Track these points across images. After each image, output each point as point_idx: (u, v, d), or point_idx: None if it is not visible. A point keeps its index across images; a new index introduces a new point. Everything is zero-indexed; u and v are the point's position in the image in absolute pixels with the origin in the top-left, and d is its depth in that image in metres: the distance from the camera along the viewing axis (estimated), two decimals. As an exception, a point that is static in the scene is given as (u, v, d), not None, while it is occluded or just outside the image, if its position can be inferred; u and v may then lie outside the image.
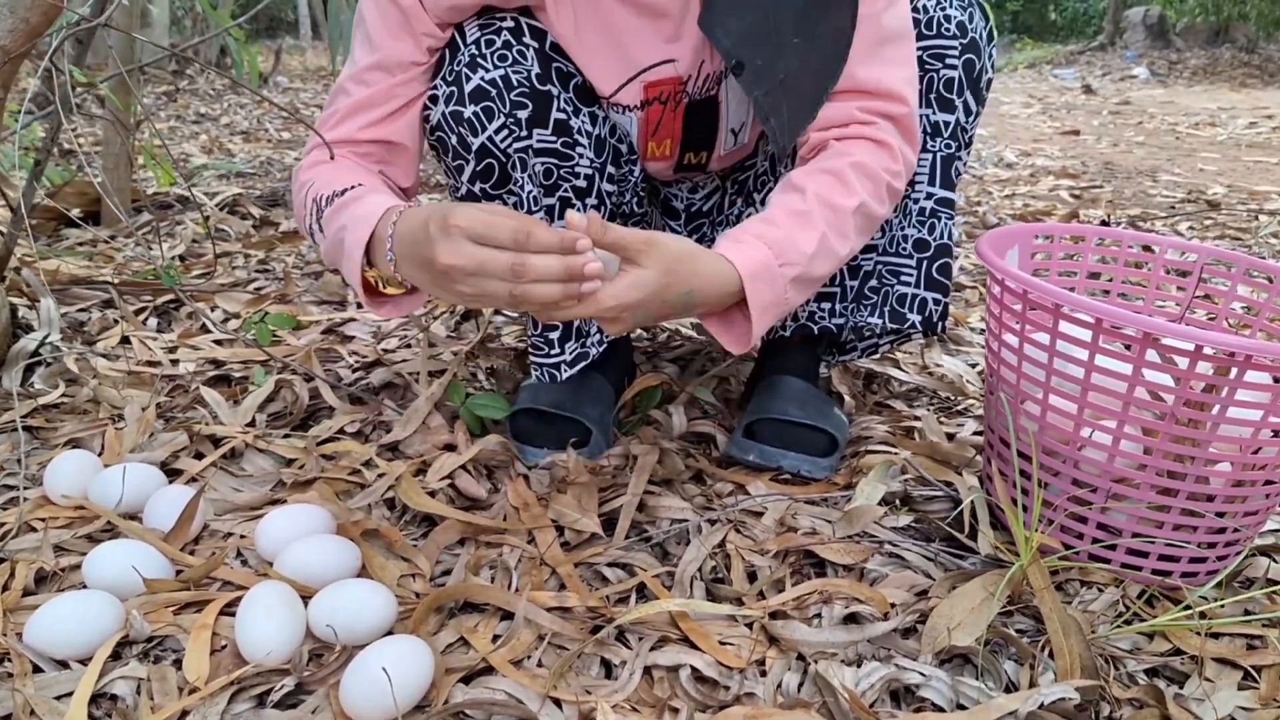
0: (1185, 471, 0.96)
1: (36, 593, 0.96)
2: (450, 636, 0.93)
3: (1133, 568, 1.03)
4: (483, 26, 1.11)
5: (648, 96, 1.16)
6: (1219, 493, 0.97)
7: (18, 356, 1.39)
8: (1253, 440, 0.95)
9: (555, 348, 1.24)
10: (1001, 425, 1.08)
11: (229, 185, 2.92)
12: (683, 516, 1.14)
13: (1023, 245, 1.20)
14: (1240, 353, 0.88)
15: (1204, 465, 0.96)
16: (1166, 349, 0.92)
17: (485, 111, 1.09)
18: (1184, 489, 0.97)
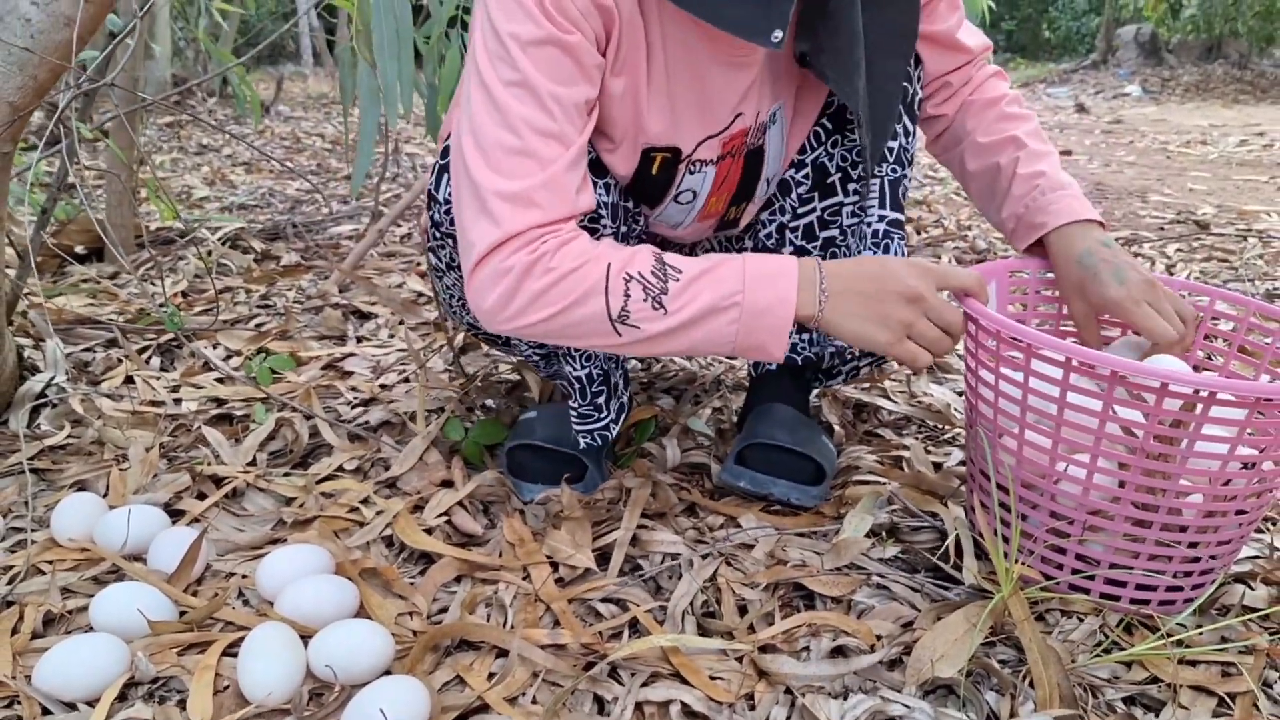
0: (1157, 504, 0.98)
1: (45, 635, 0.99)
2: (446, 675, 0.95)
3: (1111, 598, 1.05)
4: None
5: (724, 151, 1.18)
6: (1191, 523, 1.00)
7: (24, 398, 1.42)
8: (1222, 472, 0.97)
9: (603, 411, 1.27)
10: (981, 458, 1.11)
11: (231, 218, 2.95)
12: (675, 550, 1.16)
13: (1000, 281, 1.23)
14: (1205, 389, 0.91)
15: (1175, 497, 0.98)
16: (1134, 386, 0.95)
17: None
18: (1157, 520, 0.99)
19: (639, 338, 1.00)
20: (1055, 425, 1.01)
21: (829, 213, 1.27)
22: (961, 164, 1.32)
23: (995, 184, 1.26)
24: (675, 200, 1.21)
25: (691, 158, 1.16)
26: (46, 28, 1.15)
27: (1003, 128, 1.27)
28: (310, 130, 5.86)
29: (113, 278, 2.24)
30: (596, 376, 1.24)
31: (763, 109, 1.18)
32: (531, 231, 0.97)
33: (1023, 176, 1.22)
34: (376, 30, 1.68)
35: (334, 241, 2.78)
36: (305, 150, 5.00)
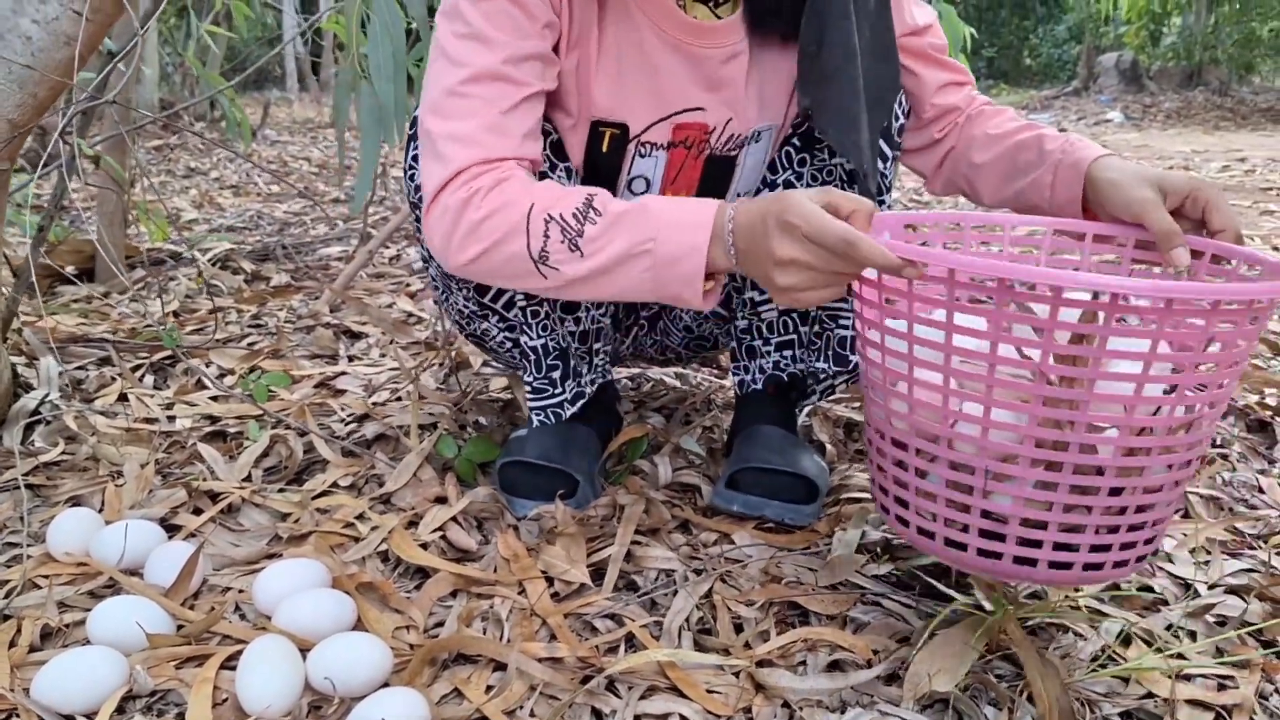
0: (1066, 440, 0.87)
1: (42, 649, 0.99)
2: (444, 688, 0.95)
3: (1026, 561, 0.93)
4: None
5: (675, 139, 1.21)
6: (1108, 463, 0.87)
7: (18, 415, 1.42)
8: (1138, 398, 0.85)
9: (557, 387, 1.29)
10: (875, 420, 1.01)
11: (221, 240, 2.96)
12: (669, 566, 1.17)
13: (894, 233, 1.10)
14: (1109, 291, 0.80)
15: (1086, 431, 0.86)
16: (1024, 297, 0.86)
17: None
18: (1068, 460, 0.87)
19: (562, 281, 1.03)
20: (944, 358, 0.90)
21: None
22: (969, 165, 1.28)
23: (1018, 158, 1.22)
24: (629, 189, 1.24)
25: (640, 138, 1.19)
26: (47, 46, 1.16)
27: (1015, 124, 1.27)
28: (297, 154, 5.88)
29: (104, 297, 2.24)
30: (552, 349, 1.28)
31: (740, 121, 1.21)
32: (473, 168, 1.03)
33: (1050, 137, 1.20)
34: (373, 53, 1.69)
35: (323, 263, 2.79)
36: (292, 174, 5.02)
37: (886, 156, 1.27)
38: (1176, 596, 1.13)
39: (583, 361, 1.32)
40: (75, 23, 1.16)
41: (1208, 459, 1.45)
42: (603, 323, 1.33)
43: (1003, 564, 0.94)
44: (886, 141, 1.26)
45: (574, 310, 1.28)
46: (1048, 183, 1.17)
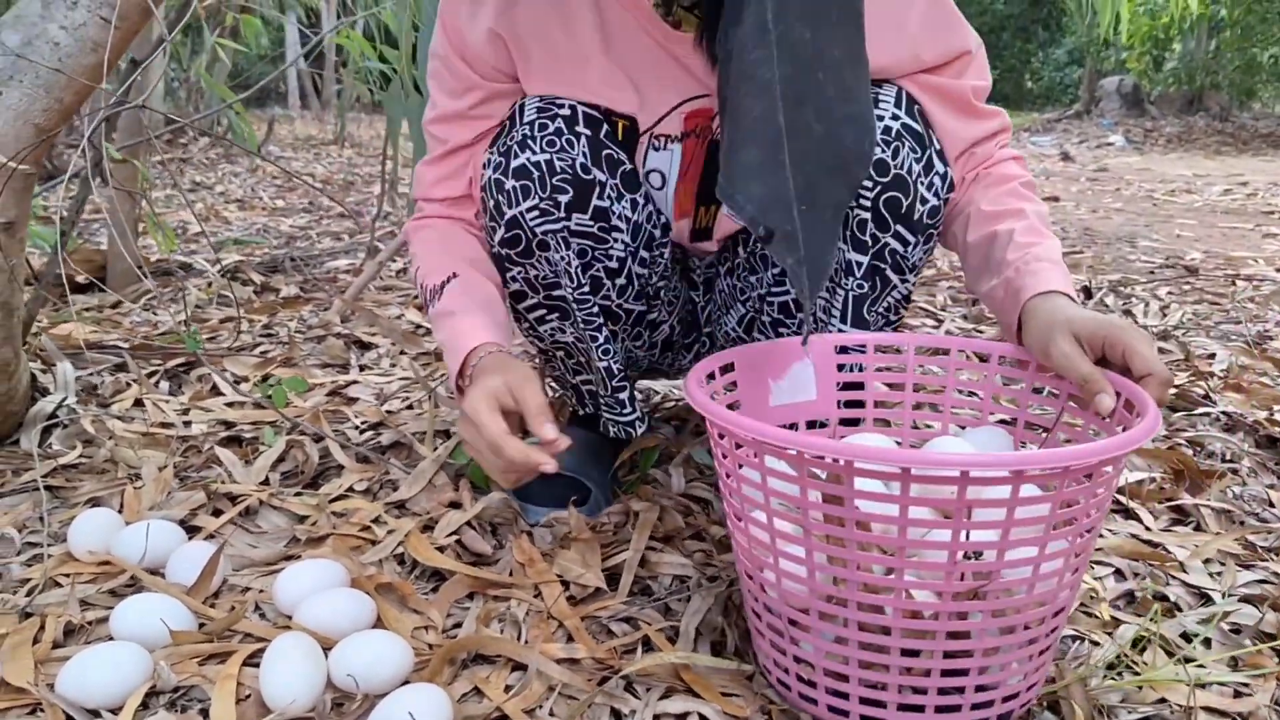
0: (845, 596, 0.86)
1: (65, 645, 1.00)
2: (464, 686, 0.96)
3: (839, 711, 0.92)
4: (540, 110, 1.17)
5: (687, 128, 1.22)
6: (893, 624, 0.85)
7: (36, 418, 1.43)
8: (902, 560, 0.84)
9: (628, 407, 1.28)
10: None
11: (230, 252, 2.97)
12: (684, 573, 1.18)
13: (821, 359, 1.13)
14: (841, 456, 0.81)
15: (860, 589, 0.85)
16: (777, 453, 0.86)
17: (523, 189, 1.15)
18: (849, 616, 0.86)
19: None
20: (738, 503, 0.93)
21: (799, 308, 1.23)
22: (962, 236, 1.21)
23: (991, 253, 1.15)
24: (646, 180, 1.25)
25: (654, 131, 1.22)
26: (74, 51, 1.18)
27: (1010, 202, 1.17)
28: (301, 169, 5.90)
29: (114, 306, 2.25)
30: (617, 371, 1.26)
31: None
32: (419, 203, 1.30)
33: (1019, 244, 1.12)
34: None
35: (331, 275, 2.80)
36: (297, 189, 5.04)
37: (908, 240, 1.16)
38: (1190, 604, 1.14)
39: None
40: (103, 29, 1.17)
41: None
42: (634, 351, 1.34)
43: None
44: (908, 228, 1.16)
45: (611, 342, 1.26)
46: (999, 298, 1.13)
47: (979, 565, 0.84)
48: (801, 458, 0.83)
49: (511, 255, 1.21)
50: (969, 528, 0.83)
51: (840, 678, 0.90)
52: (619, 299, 1.24)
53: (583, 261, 1.19)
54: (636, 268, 1.24)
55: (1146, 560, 1.23)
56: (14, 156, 1.18)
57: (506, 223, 1.17)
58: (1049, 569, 0.86)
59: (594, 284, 1.21)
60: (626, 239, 1.20)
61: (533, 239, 1.17)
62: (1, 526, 1.19)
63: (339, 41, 2.24)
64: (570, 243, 1.17)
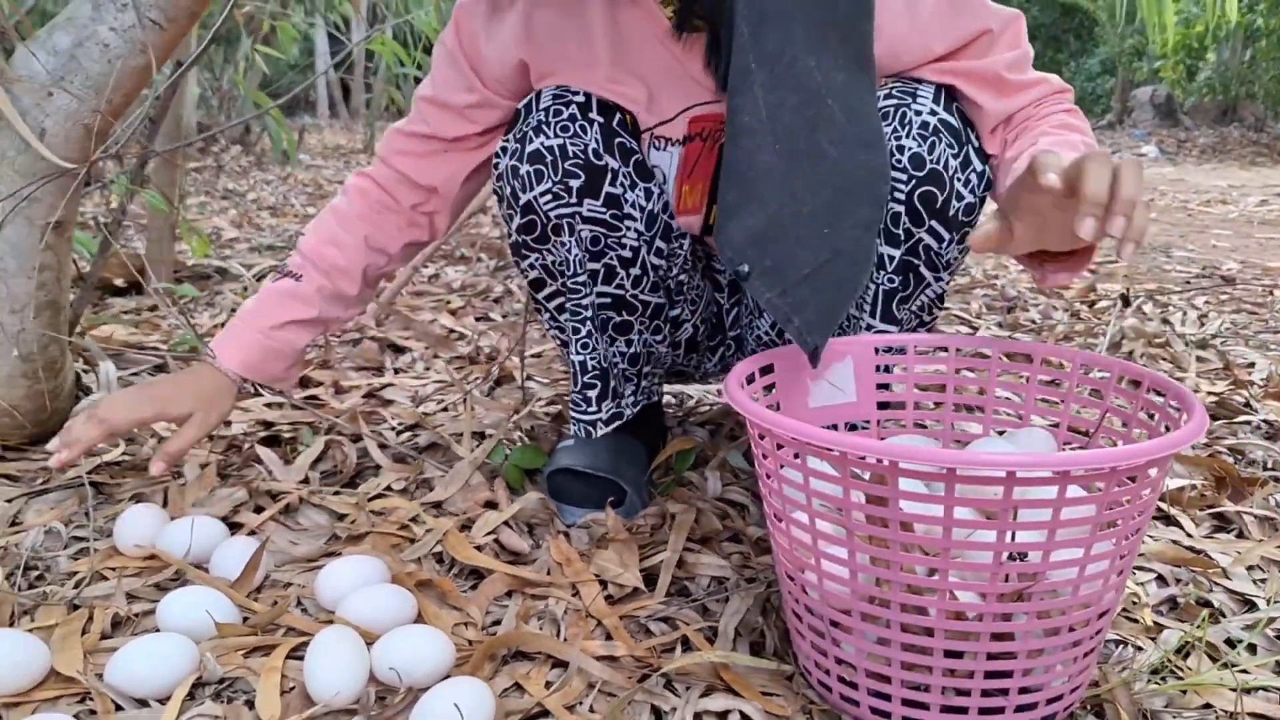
0: (888, 598, 0.86)
1: (113, 636, 1.01)
2: (505, 682, 0.96)
3: (880, 713, 0.92)
4: (556, 97, 1.20)
5: (691, 131, 1.24)
6: (936, 625, 0.85)
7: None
8: (947, 561, 0.83)
9: (593, 405, 1.30)
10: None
11: (262, 258, 3.00)
12: (721, 574, 1.18)
13: (859, 358, 1.13)
14: (889, 457, 0.81)
15: (903, 590, 0.85)
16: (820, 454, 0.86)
17: (536, 174, 1.18)
18: (891, 617, 0.86)
19: None
20: (779, 504, 0.93)
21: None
22: (1002, 161, 1.16)
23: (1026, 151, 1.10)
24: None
25: (654, 132, 1.24)
26: (124, 53, 1.19)
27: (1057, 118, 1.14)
28: (331, 178, 5.94)
29: (152, 309, 2.28)
30: (591, 367, 1.28)
31: None
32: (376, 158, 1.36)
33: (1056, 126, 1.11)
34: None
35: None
36: (328, 196, 5.07)
37: (943, 237, 1.16)
38: (1234, 610, 1.13)
39: (627, 383, 1.33)
40: (151, 31, 1.19)
41: (1262, 480, 1.44)
42: (656, 348, 1.34)
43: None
44: (943, 224, 1.16)
45: (626, 332, 1.28)
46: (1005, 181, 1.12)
47: (1024, 566, 0.84)
48: (845, 458, 0.83)
49: (528, 242, 1.24)
50: (1014, 528, 0.82)
51: (882, 679, 0.90)
52: (634, 289, 1.25)
53: (595, 250, 1.21)
54: (652, 258, 1.25)
55: (1189, 566, 1.22)
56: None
57: (522, 208, 1.20)
58: (1094, 570, 0.85)
59: (607, 272, 1.23)
60: (640, 227, 1.22)
61: (547, 224, 1.20)
62: (49, 521, 1.21)
63: (372, 48, 2.25)
64: (582, 229, 1.19)
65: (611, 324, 1.27)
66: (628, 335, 1.29)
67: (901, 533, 0.83)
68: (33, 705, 0.90)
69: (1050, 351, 1.11)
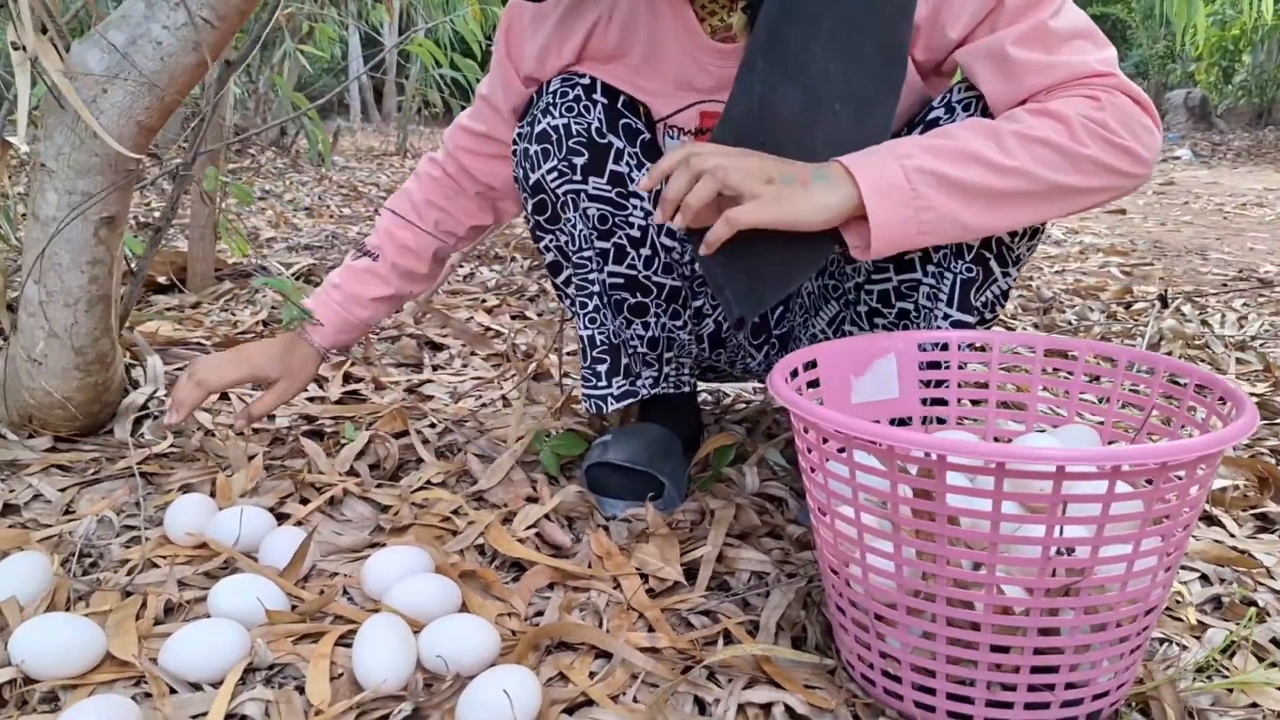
0: (934, 592, 0.86)
1: (165, 622, 1.03)
2: (549, 671, 0.97)
3: (925, 707, 0.92)
4: (562, 80, 1.25)
5: (703, 125, 1.26)
6: (983, 620, 0.86)
7: (129, 410, 1.48)
8: (994, 555, 0.84)
9: (602, 380, 1.33)
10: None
11: (300, 256, 3.03)
12: (762, 569, 1.18)
13: (902, 355, 1.13)
14: (934, 451, 0.81)
15: (949, 585, 0.85)
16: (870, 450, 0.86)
17: (543, 152, 1.23)
18: (938, 612, 0.86)
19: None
20: (824, 498, 0.93)
21: (905, 287, 1.22)
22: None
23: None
24: None
25: (669, 121, 1.27)
26: (176, 50, 1.21)
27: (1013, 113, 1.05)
28: (365, 180, 5.98)
29: (194, 306, 2.31)
30: (599, 342, 1.32)
31: None
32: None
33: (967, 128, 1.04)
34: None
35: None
36: (362, 198, 5.11)
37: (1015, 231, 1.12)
38: (1279, 611, 1.12)
39: (646, 366, 1.34)
40: (203, 29, 1.21)
41: None
42: (677, 334, 1.35)
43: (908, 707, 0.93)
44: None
45: (642, 314, 1.31)
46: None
47: (1072, 561, 0.84)
48: (893, 452, 0.84)
49: (541, 223, 1.29)
50: (1063, 523, 0.83)
51: (927, 673, 0.90)
52: (646, 270, 1.29)
53: (604, 229, 1.25)
54: (663, 239, 1.29)
55: (1232, 566, 1.21)
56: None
57: (532, 187, 1.26)
58: (1143, 566, 0.85)
59: (618, 252, 1.27)
60: (648, 207, 1.26)
61: (556, 201, 1.25)
62: (101, 510, 1.23)
63: (410, 49, 2.27)
64: (589, 206, 1.24)
65: (626, 305, 1.30)
66: (644, 318, 1.31)
67: (950, 527, 0.84)
68: (89, 688, 0.92)
69: (1095, 348, 1.11)
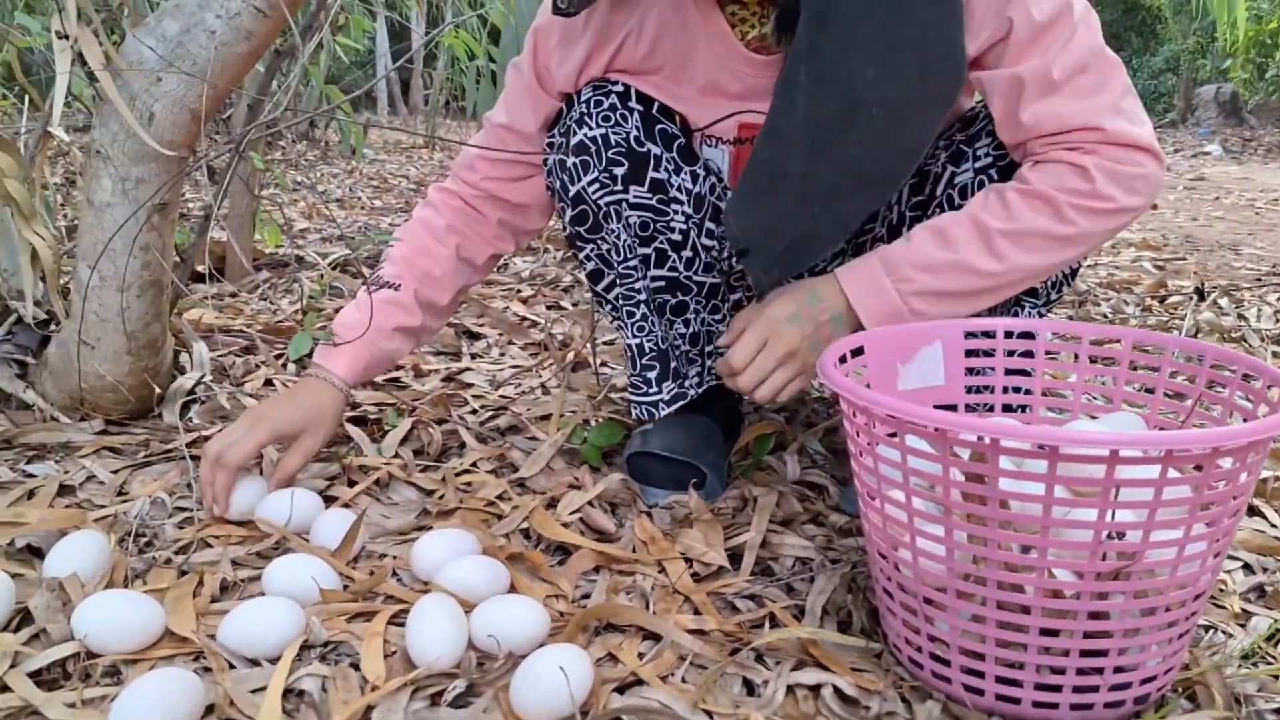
0: (984, 575, 0.87)
1: (221, 600, 1.05)
2: (598, 652, 0.99)
3: (974, 690, 0.92)
4: (595, 89, 1.24)
5: (741, 135, 1.27)
6: (1033, 603, 0.86)
7: (176, 394, 1.50)
8: (1046, 539, 0.84)
9: (653, 386, 1.32)
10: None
11: (335, 247, 3.05)
12: (805, 554, 1.19)
13: (949, 343, 1.14)
14: (988, 435, 0.81)
15: (1000, 568, 0.86)
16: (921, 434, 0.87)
17: (583, 164, 1.22)
18: (988, 595, 0.87)
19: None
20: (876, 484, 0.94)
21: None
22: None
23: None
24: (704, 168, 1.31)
25: (706, 131, 1.28)
26: (229, 40, 1.23)
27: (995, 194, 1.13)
28: (395, 172, 6.02)
29: (233, 295, 2.33)
30: (648, 349, 1.31)
31: None
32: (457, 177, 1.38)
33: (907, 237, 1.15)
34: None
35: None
36: (392, 190, 5.14)
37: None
38: (1324, 597, 1.12)
39: (690, 364, 1.35)
40: (255, 18, 1.23)
41: None
42: (717, 328, 1.36)
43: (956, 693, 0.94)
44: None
45: (682, 313, 1.31)
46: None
47: (1123, 545, 0.84)
48: (946, 436, 0.84)
49: (581, 233, 1.28)
50: (1115, 507, 0.83)
51: (976, 656, 0.91)
52: (687, 271, 1.29)
53: (645, 235, 1.25)
54: (703, 240, 1.29)
55: (1275, 555, 1.21)
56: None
57: (572, 199, 1.25)
58: (1193, 551, 0.86)
59: (659, 256, 1.27)
60: (688, 210, 1.26)
61: (598, 212, 1.24)
62: (154, 491, 1.25)
63: (446, 40, 2.29)
64: (630, 215, 1.23)
65: (669, 306, 1.30)
66: (684, 315, 1.32)
67: (1001, 510, 0.84)
68: (150, 662, 0.94)
69: (1141, 336, 1.11)
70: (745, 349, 1.15)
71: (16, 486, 1.26)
